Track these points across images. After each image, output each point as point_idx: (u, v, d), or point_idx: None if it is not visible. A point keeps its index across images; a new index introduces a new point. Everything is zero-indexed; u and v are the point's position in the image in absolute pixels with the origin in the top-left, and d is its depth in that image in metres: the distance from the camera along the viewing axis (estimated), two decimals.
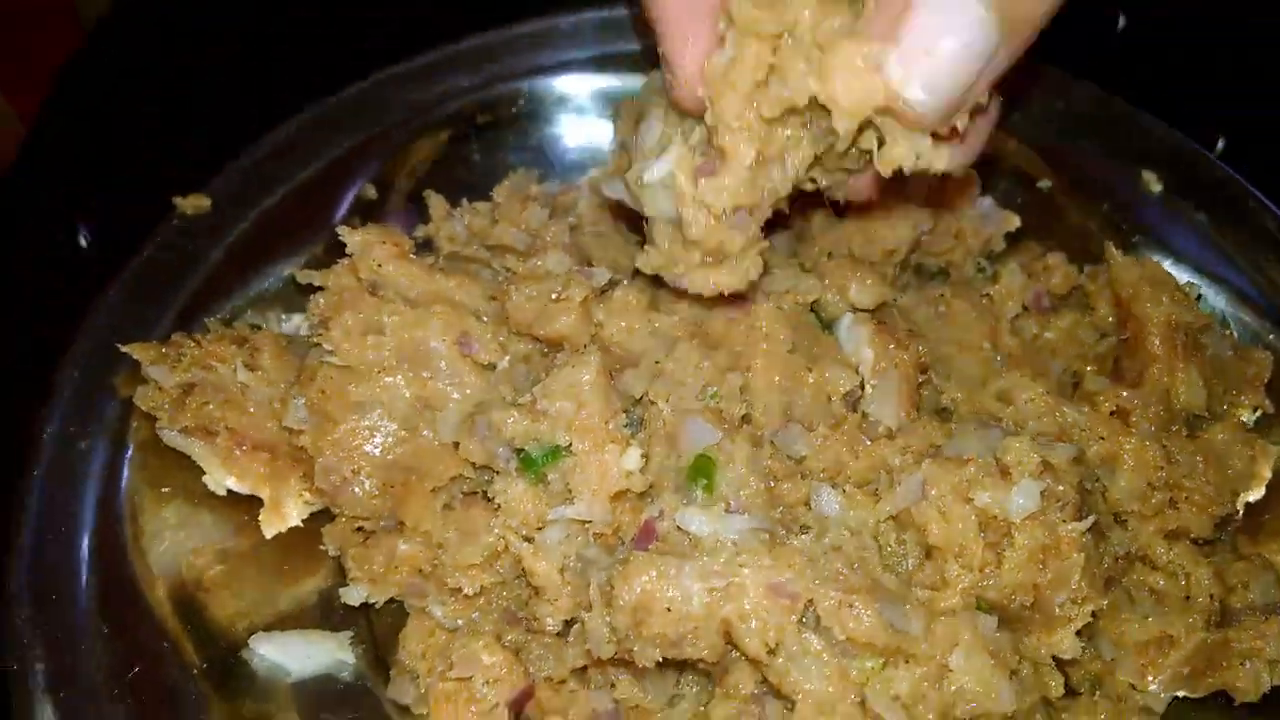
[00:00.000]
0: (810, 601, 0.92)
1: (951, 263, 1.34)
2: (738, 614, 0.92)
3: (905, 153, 0.89)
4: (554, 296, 1.09)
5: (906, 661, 0.94)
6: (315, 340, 1.09)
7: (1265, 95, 1.65)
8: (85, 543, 1.08)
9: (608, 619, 0.95)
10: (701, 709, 1.03)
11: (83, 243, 1.40)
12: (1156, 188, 1.41)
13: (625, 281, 1.12)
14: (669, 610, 0.92)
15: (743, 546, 0.94)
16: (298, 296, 1.26)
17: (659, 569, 0.92)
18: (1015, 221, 1.36)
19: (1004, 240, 1.37)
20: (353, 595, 1.09)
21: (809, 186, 1.00)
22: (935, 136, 0.89)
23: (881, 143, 0.90)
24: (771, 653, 0.92)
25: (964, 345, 1.25)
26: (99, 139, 1.54)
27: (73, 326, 1.18)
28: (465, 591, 1.06)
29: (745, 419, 1.07)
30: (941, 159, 0.90)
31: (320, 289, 1.11)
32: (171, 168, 1.29)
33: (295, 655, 1.09)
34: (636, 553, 0.94)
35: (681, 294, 1.06)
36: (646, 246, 1.03)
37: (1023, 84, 1.08)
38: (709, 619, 0.92)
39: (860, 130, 0.89)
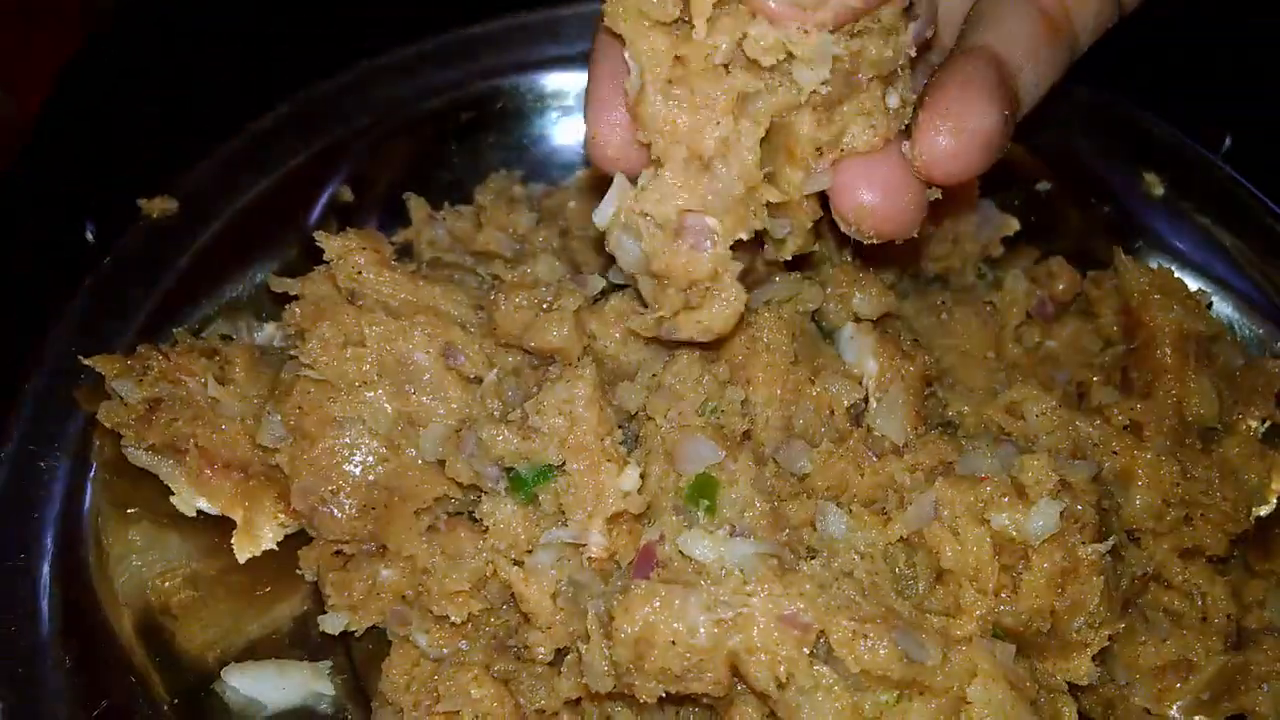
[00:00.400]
0: (822, 632, 0.87)
1: (950, 269, 1.30)
2: (746, 646, 0.87)
3: (772, 42, 0.84)
4: (545, 306, 1.04)
5: (921, 694, 0.89)
6: (291, 352, 1.05)
7: (1266, 95, 1.63)
8: (45, 569, 1.04)
9: (607, 651, 0.90)
10: None
11: (90, 237, 1.40)
12: (1159, 190, 1.38)
13: (620, 289, 1.07)
14: (673, 643, 0.87)
15: (750, 573, 0.89)
16: (271, 305, 1.23)
17: (663, 599, 0.87)
18: (1014, 225, 1.32)
19: (1001, 245, 1.32)
20: (331, 623, 1.05)
21: (788, 195, 0.93)
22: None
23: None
24: (781, 687, 0.87)
25: (967, 355, 1.21)
26: (99, 139, 1.55)
27: None
28: (452, 619, 1.02)
29: (746, 435, 1.02)
30: (811, 46, 0.85)
31: (296, 297, 1.07)
32: (172, 168, 1.29)
33: (270, 687, 1.05)
34: (639, 582, 0.89)
35: (682, 344, 1.01)
36: (638, 307, 0.99)
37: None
38: (715, 652, 0.87)
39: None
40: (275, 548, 1.10)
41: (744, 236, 0.91)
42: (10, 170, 1.50)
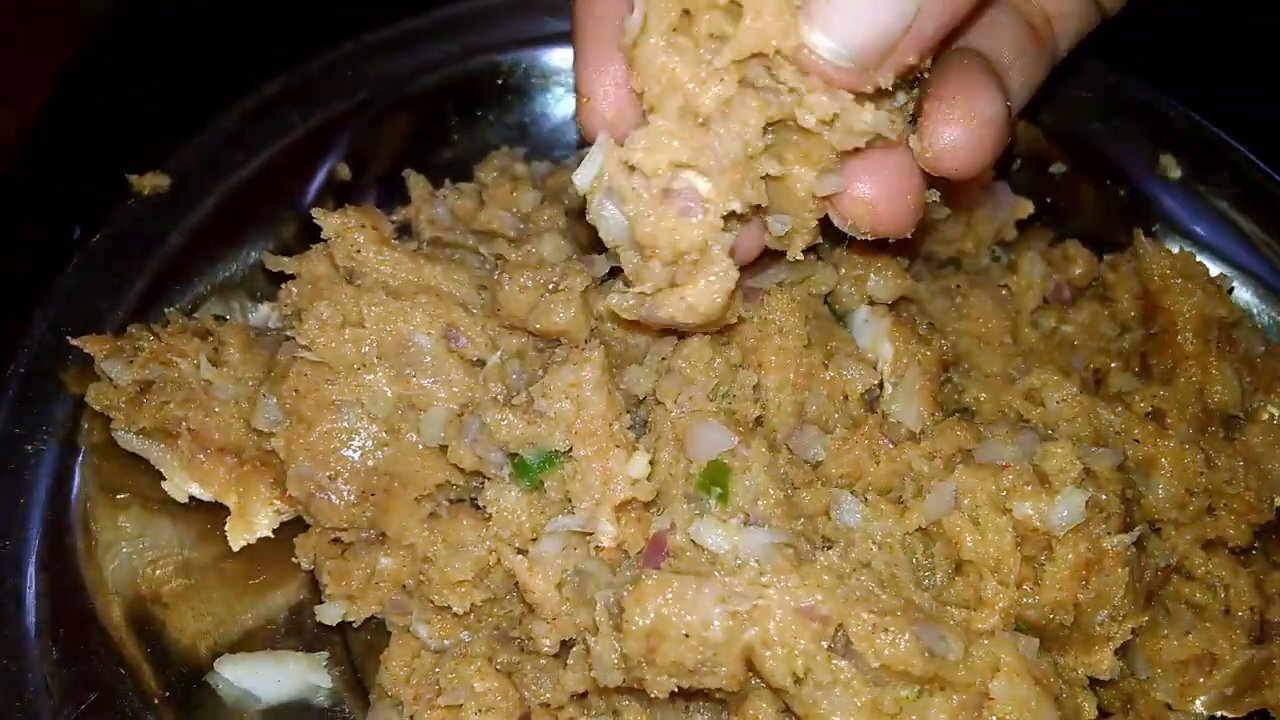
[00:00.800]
0: (840, 625, 0.84)
1: (963, 251, 1.27)
2: (762, 640, 0.84)
3: (825, 106, 0.81)
4: (550, 287, 1.01)
5: (943, 689, 0.86)
6: (287, 333, 1.03)
7: (1266, 95, 1.61)
8: (33, 556, 1.02)
9: (616, 644, 0.87)
10: None
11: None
12: (1176, 172, 1.35)
13: None
14: (686, 636, 0.84)
15: (766, 564, 0.87)
16: (267, 284, 1.20)
17: (675, 590, 0.84)
18: (1029, 207, 1.29)
19: (1015, 228, 1.29)
20: (329, 613, 1.03)
21: (799, 191, 0.89)
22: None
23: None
24: (799, 682, 0.84)
25: (982, 340, 1.18)
26: (99, 139, 1.54)
27: None
28: (453, 610, 0.99)
29: (758, 420, 0.99)
30: (863, 119, 0.82)
31: (292, 277, 1.05)
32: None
33: (265, 679, 1.03)
34: (650, 571, 0.86)
35: (668, 331, 0.98)
36: (618, 285, 0.94)
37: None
38: (730, 645, 0.84)
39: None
40: (270, 535, 1.08)
41: (737, 208, 0.85)
42: (10, 170, 1.49)
